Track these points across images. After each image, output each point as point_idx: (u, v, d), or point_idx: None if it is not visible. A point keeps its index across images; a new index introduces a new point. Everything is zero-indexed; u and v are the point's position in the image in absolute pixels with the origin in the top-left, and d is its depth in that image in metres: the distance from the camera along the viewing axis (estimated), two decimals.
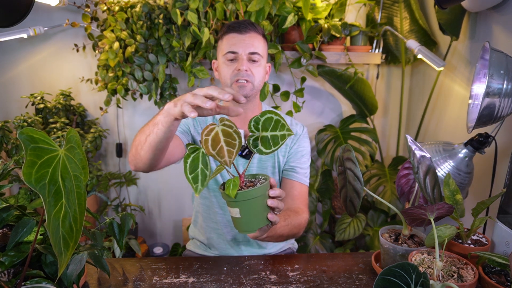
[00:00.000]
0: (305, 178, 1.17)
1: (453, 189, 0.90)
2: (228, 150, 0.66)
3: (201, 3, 1.59)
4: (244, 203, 0.72)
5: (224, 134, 0.67)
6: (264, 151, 0.70)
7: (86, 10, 1.79)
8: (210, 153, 0.65)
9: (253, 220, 0.75)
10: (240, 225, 0.75)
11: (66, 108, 1.90)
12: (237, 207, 0.72)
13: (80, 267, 0.65)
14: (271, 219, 0.76)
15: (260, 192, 0.74)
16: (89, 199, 1.96)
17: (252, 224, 0.75)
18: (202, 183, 0.66)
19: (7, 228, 0.74)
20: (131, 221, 0.86)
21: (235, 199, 0.70)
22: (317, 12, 1.72)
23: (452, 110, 1.59)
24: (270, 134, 0.71)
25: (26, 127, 0.49)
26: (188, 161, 0.67)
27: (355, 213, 0.86)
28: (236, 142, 0.66)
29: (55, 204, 0.50)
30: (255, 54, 1.09)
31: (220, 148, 0.66)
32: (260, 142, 0.71)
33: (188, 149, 0.68)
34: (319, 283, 0.87)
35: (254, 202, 0.73)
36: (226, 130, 0.67)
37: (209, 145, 0.65)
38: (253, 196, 0.72)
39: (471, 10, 1.35)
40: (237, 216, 0.73)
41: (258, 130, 0.71)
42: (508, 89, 0.91)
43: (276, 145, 0.70)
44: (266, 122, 0.71)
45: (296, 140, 1.20)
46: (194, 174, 0.66)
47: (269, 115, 0.71)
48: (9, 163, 0.74)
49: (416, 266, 0.59)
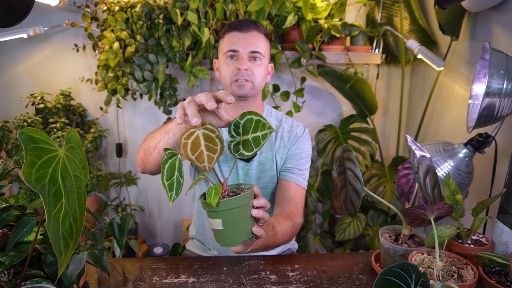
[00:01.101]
0: (302, 180, 1.14)
1: (453, 189, 0.90)
2: (208, 155, 0.63)
3: (201, 3, 1.59)
4: (227, 213, 0.67)
5: (206, 138, 0.64)
6: (246, 154, 0.68)
7: (86, 10, 1.79)
8: (189, 157, 0.62)
9: (236, 232, 0.70)
10: (222, 238, 0.70)
11: (66, 108, 1.90)
12: (219, 217, 0.68)
13: (80, 267, 0.65)
14: (256, 233, 0.71)
15: (244, 201, 0.69)
16: (89, 199, 1.96)
17: (235, 237, 0.70)
18: (177, 191, 0.63)
19: (7, 228, 0.74)
20: (131, 221, 0.86)
21: (217, 208, 0.66)
22: (317, 12, 1.72)
23: (452, 110, 1.59)
24: (252, 137, 0.68)
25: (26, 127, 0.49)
26: (165, 166, 0.64)
27: (355, 213, 0.86)
28: (217, 147, 0.64)
29: (55, 204, 0.50)
30: (256, 53, 1.07)
31: (200, 153, 0.63)
32: (241, 146, 0.69)
33: (166, 154, 0.65)
34: (319, 283, 0.87)
35: (237, 212, 0.68)
36: (208, 134, 0.64)
37: (188, 149, 0.62)
38: (236, 205, 0.68)
39: (471, 10, 1.35)
40: (219, 228, 0.68)
41: (239, 134, 0.69)
42: (508, 89, 0.91)
43: (258, 145, 0.68)
44: (246, 125, 0.69)
45: (296, 142, 1.17)
46: (170, 182, 0.63)
47: (248, 116, 0.69)
48: (9, 163, 0.74)
49: (416, 266, 0.59)
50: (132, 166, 2.15)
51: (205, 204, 0.67)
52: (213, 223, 0.69)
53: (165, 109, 1.82)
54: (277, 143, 1.16)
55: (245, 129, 0.69)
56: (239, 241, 0.71)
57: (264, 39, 1.11)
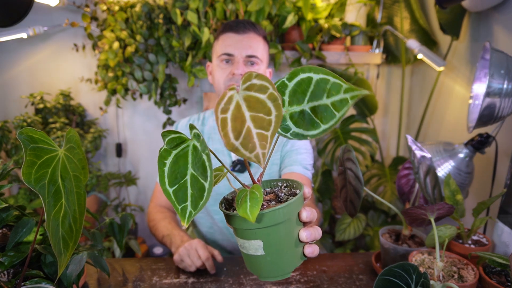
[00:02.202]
0: (305, 170, 1.02)
1: (453, 189, 0.90)
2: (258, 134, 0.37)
3: (201, 3, 1.59)
4: (270, 231, 0.43)
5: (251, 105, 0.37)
6: (307, 133, 0.43)
7: (86, 10, 1.79)
8: (232, 145, 0.36)
9: (286, 257, 0.46)
10: (263, 268, 0.46)
11: (66, 108, 1.90)
12: (259, 238, 0.44)
13: (80, 267, 0.65)
14: (310, 255, 0.48)
15: (294, 210, 0.45)
16: (89, 199, 1.95)
17: (284, 265, 0.46)
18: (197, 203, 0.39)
19: (7, 228, 0.74)
20: (131, 221, 0.86)
21: (257, 225, 0.42)
22: (317, 12, 1.72)
23: (453, 110, 1.58)
24: (310, 106, 0.43)
25: (26, 127, 0.49)
26: (166, 163, 0.40)
27: (355, 213, 0.86)
28: (271, 117, 0.38)
29: (54, 204, 0.50)
30: (253, 57, 1.00)
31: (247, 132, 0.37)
32: (291, 123, 0.43)
33: (165, 141, 0.41)
34: (319, 283, 0.86)
35: (284, 228, 0.44)
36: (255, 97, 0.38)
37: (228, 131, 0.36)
38: (284, 218, 0.43)
39: (472, 9, 1.35)
40: (258, 254, 0.45)
41: (283, 104, 0.43)
42: (509, 89, 0.91)
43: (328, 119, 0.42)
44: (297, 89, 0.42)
45: (288, 141, 1.09)
46: (178, 187, 0.39)
47: (302, 75, 0.42)
48: (9, 163, 0.74)
49: (417, 266, 0.59)
50: (132, 166, 2.15)
51: (235, 219, 0.44)
52: (247, 246, 0.45)
53: (165, 109, 1.82)
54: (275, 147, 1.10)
55: (295, 97, 0.43)
56: (289, 270, 0.47)
57: (262, 42, 1.04)
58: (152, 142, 2.11)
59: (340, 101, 0.42)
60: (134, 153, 2.13)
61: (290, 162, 1.04)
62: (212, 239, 1.17)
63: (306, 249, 0.48)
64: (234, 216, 0.43)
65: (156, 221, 1.06)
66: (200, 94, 2.04)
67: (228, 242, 1.15)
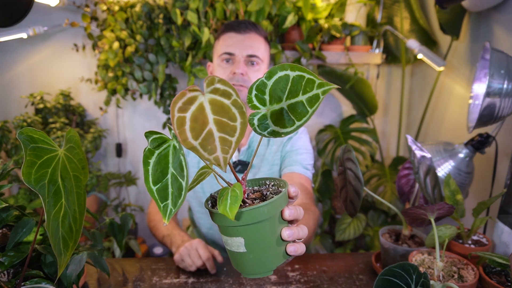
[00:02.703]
0: (305, 170, 1.02)
1: (453, 189, 0.90)
2: (221, 138, 0.38)
3: (201, 2, 1.59)
4: (251, 228, 0.45)
5: (215, 109, 0.38)
6: (282, 131, 0.44)
7: (86, 10, 1.79)
8: (189, 144, 0.37)
9: (267, 255, 0.47)
10: (245, 265, 0.47)
11: (66, 108, 1.90)
12: (240, 235, 0.45)
13: (80, 267, 0.65)
14: (292, 253, 0.48)
15: (276, 208, 0.46)
16: (89, 199, 1.95)
17: (266, 262, 0.47)
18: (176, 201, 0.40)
19: (7, 228, 0.74)
20: (131, 221, 0.86)
21: (237, 222, 0.44)
22: (317, 12, 1.72)
23: (453, 110, 1.58)
24: (288, 104, 0.44)
25: (26, 127, 0.49)
26: (150, 162, 0.41)
27: (355, 213, 0.86)
28: (236, 123, 0.38)
29: (54, 204, 0.50)
30: (253, 57, 1.00)
31: (207, 135, 0.37)
32: (271, 121, 0.44)
33: (149, 141, 0.42)
34: (319, 283, 0.86)
35: (266, 226, 0.45)
36: (219, 102, 0.38)
37: (186, 130, 0.36)
38: (266, 216, 0.45)
39: (472, 9, 1.35)
40: (240, 251, 0.46)
41: (265, 103, 0.44)
42: (509, 89, 0.91)
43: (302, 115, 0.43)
44: (276, 88, 0.44)
45: (287, 142, 1.09)
46: (161, 186, 0.40)
47: (281, 73, 0.43)
48: (9, 163, 0.74)
49: (417, 266, 0.59)
50: (132, 166, 2.15)
51: (217, 216, 0.45)
52: (229, 243, 0.46)
53: (165, 109, 1.82)
54: (269, 149, 1.10)
55: (274, 94, 0.44)
56: (272, 267, 0.48)
57: (264, 42, 1.04)
58: None
59: (314, 96, 0.43)
60: (134, 153, 2.13)
61: (290, 162, 1.04)
62: (212, 239, 1.17)
63: (288, 248, 0.48)
64: (216, 213, 0.45)
65: (156, 221, 1.06)
66: None
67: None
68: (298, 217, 0.50)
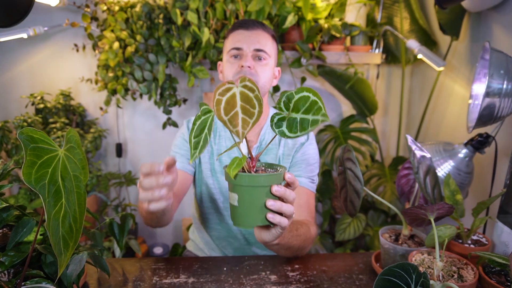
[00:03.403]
0: (311, 184, 1.07)
1: (453, 189, 0.90)
2: (243, 118, 0.55)
3: (201, 3, 1.59)
4: (245, 190, 0.61)
5: (243, 98, 0.56)
6: (288, 134, 0.59)
7: (86, 10, 1.79)
8: (221, 118, 0.55)
9: (251, 213, 0.63)
10: (235, 216, 0.65)
11: (66, 108, 1.90)
12: (236, 192, 0.62)
13: (80, 267, 0.65)
14: (271, 220, 0.63)
15: (267, 182, 0.62)
16: (89, 199, 1.96)
17: (249, 219, 0.64)
18: (201, 149, 0.57)
19: (7, 228, 0.74)
20: (131, 221, 0.86)
21: (235, 181, 0.60)
22: (317, 12, 1.72)
23: (452, 110, 1.59)
24: (301, 117, 0.59)
25: (26, 127, 0.49)
26: (196, 123, 0.59)
27: (355, 213, 0.86)
28: (255, 111, 0.56)
29: (55, 204, 0.50)
30: (261, 51, 1.02)
31: (235, 114, 0.55)
32: (285, 123, 0.59)
33: (200, 109, 0.60)
34: (319, 283, 0.87)
35: (256, 192, 0.62)
36: (246, 94, 0.56)
37: (221, 108, 0.55)
38: (257, 184, 0.61)
39: (472, 10, 1.35)
40: (234, 204, 0.63)
41: (288, 109, 0.60)
42: (508, 89, 0.91)
43: (303, 130, 0.58)
44: (299, 102, 0.59)
45: (300, 148, 1.10)
46: (197, 140, 0.58)
47: (306, 93, 0.59)
48: (9, 163, 0.74)
49: (416, 266, 0.59)
50: (132, 166, 2.15)
51: (226, 174, 0.62)
52: (230, 197, 0.64)
53: (165, 109, 1.82)
54: (281, 150, 1.11)
55: (297, 106, 0.59)
56: (252, 224, 0.64)
57: (271, 39, 1.06)
58: (152, 142, 2.11)
59: (315, 120, 0.58)
60: (134, 153, 2.13)
61: (299, 172, 1.08)
62: (219, 236, 1.17)
63: (268, 214, 0.63)
64: (226, 172, 0.62)
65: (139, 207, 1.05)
66: (200, 94, 2.04)
67: (234, 239, 1.16)
68: (285, 196, 0.63)
